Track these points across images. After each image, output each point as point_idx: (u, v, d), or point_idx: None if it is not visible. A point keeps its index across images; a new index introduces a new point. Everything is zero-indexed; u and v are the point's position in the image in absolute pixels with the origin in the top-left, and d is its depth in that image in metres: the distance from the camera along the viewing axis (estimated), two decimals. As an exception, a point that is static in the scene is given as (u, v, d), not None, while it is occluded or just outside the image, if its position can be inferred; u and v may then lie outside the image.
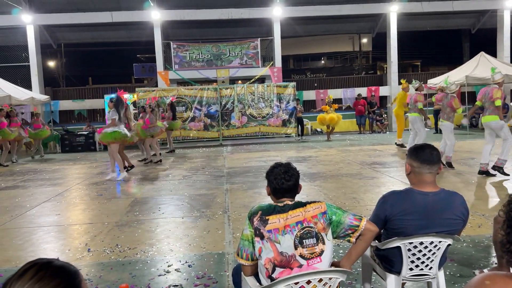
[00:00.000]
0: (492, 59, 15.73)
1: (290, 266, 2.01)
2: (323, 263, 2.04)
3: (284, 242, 2.03)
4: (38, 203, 6.59)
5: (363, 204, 5.67)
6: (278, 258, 2.02)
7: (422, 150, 2.41)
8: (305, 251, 2.02)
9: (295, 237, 2.03)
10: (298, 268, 2.01)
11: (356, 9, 17.63)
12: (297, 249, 2.02)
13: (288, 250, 2.02)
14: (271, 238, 2.03)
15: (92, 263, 3.92)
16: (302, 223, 2.06)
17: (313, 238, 2.04)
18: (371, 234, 2.18)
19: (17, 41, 17.45)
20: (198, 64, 17.00)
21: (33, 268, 1.08)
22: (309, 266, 2.02)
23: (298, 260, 2.02)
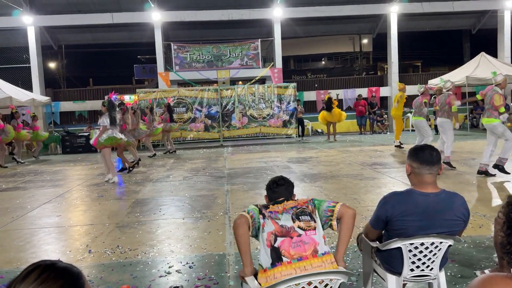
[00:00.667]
0: (492, 59, 15.73)
1: (290, 236, 2.20)
2: (317, 236, 2.24)
3: (283, 219, 2.27)
4: (39, 204, 6.60)
5: (364, 205, 5.67)
6: (279, 229, 2.22)
7: (422, 151, 2.41)
8: (302, 224, 2.25)
9: (292, 214, 2.29)
10: (298, 237, 2.18)
11: (357, 10, 17.63)
12: (295, 222, 2.25)
13: (287, 223, 2.24)
14: (272, 217, 2.28)
15: (93, 264, 3.92)
16: (296, 207, 2.34)
17: (307, 215, 2.29)
18: (348, 215, 2.31)
19: (18, 43, 17.47)
20: (199, 65, 17.01)
21: (36, 270, 1.08)
22: (307, 236, 2.20)
23: (297, 231, 2.21)
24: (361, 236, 2.81)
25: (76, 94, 19.63)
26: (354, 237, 3.18)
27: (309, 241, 2.19)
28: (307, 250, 2.16)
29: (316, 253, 2.17)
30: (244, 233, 2.24)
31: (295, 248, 2.16)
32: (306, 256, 2.15)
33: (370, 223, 2.55)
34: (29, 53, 17.00)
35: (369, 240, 2.63)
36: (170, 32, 18.82)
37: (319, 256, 2.17)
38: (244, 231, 2.24)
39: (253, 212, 2.28)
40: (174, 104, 15.23)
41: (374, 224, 2.51)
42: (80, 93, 19.69)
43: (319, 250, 2.18)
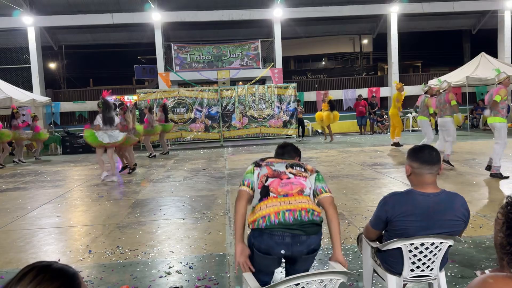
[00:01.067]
0: (492, 59, 15.73)
1: (280, 177, 2.34)
2: (307, 183, 2.36)
3: (277, 166, 2.43)
4: (39, 204, 6.60)
5: (364, 205, 5.67)
6: (271, 172, 2.38)
7: (422, 151, 2.41)
8: (294, 170, 2.40)
9: (286, 163, 2.45)
10: (287, 180, 2.32)
11: (357, 10, 17.64)
12: (288, 169, 2.40)
13: (280, 169, 2.40)
14: (267, 164, 2.45)
15: (93, 264, 3.92)
16: (295, 162, 2.50)
17: (301, 167, 2.43)
18: (330, 201, 2.37)
19: (18, 43, 17.48)
20: (199, 66, 17.02)
21: (32, 271, 1.08)
22: (296, 179, 2.34)
23: (288, 174, 2.36)
24: (361, 236, 2.81)
25: (76, 94, 19.65)
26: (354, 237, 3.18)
27: (297, 183, 2.33)
28: (293, 189, 2.29)
29: (302, 192, 2.30)
30: (240, 208, 2.34)
31: (283, 187, 2.30)
32: (292, 194, 2.27)
33: (370, 224, 2.55)
34: (29, 53, 17.02)
35: (369, 240, 2.63)
36: (170, 32, 18.84)
37: (304, 195, 2.29)
38: (240, 206, 2.35)
39: (248, 179, 2.42)
40: (174, 105, 15.24)
41: (374, 224, 2.51)
42: (80, 94, 19.71)
43: (305, 191, 2.31)
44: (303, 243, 2.21)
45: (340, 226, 4.72)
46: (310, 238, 2.22)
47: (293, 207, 2.21)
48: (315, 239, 2.26)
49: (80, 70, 27.39)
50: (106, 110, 8.34)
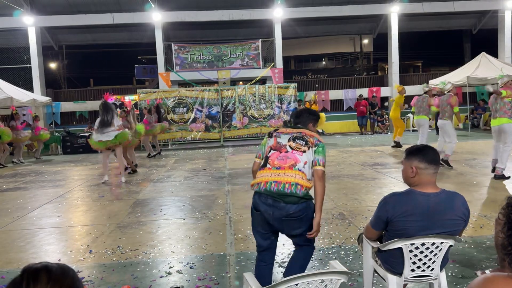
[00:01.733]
0: (493, 59, 15.71)
1: (280, 150, 2.77)
2: (303, 157, 2.73)
3: (282, 137, 2.84)
4: (40, 204, 6.60)
5: (364, 205, 5.67)
6: (275, 145, 2.83)
7: (426, 151, 2.42)
8: (294, 144, 2.78)
9: (291, 136, 2.83)
10: (285, 153, 2.74)
11: (357, 10, 17.62)
12: (289, 142, 2.79)
13: (283, 141, 2.81)
14: (276, 135, 2.88)
15: (94, 264, 3.92)
16: (300, 132, 2.86)
17: (303, 141, 2.79)
18: (319, 175, 2.74)
19: (19, 43, 17.48)
20: (199, 66, 17.01)
21: (43, 270, 1.08)
22: (292, 154, 2.74)
23: (287, 148, 2.77)
24: (361, 236, 2.81)
25: (76, 94, 19.64)
26: (355, 237, 3.19)
27: (292, 157, 2.73)
28: (287, 163, 2.71)
29: (293, 166, 2.70)
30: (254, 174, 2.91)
31: (279, 160, 2.74)
32: (284, 167, 2.71)
33: (370, 224, 2.55)
34: (30, 53, 17.01)
35: (370, 240, 2.63)
36: (170, 32, 18.83)
37: (294, 169, 2.69)
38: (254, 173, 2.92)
39: (260, 151, 2.95)
40: (175, 104, 15.24)
41: (375, 224, 2.51)
42: (80, 94, 19.70)
43: (296, 166, 2.70)
44: (282, 208, 2.65)
45: (341, 226, 4.73)
46: (287, 206, 2.64)
47: (280, 179, 2.67)
48: (293, 207, 2.64)
49: (80, 70, 27.39)
50: (105, 113, 8.30)
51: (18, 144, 12.65)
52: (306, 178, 2.69)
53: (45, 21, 16.96)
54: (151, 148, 12.71)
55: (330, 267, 2.36)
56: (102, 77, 27.43)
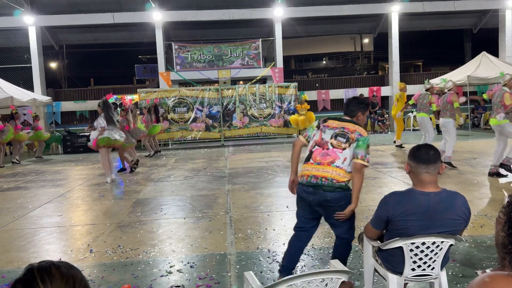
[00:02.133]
0: (494, 58, 15.69)
1: (323, 147, 3.08)
2: (343, 154, 3.01)
3: (327, 133, 3.10)
4: (40, 204, 6.60)
5: (365, 204, 5.67)
6: (319, 140, 3.11)
7: (419, 150, 2.42)
8: (335, 142, 3.05)
9: (334, 132, 3.07)
10: (326, 150, 3.05)
11: (357, 10, 17.61)
12: (331, 139, 3.07)
13: (326, 138, 3.09)
14: (322, 129, 3.13)
15: (94, 264, 3.92)
16: (343, 128, 3.08)
17: (344, 138, 3.04)
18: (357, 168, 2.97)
19: (19, 43, 17.48)
20: (200, 65, 17.01)
21: (53, 267, 1.08)
22: (333, 151, 3.03)
23: (328, 145, 3.06)
24: (362, 235, 2.81)
25: (77, 94, 19.64)
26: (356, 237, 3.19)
27: (332, 154, 3.02)
28: (326, 160, 3.02)
29: (331, 163, 3.00)
30: (294, 152, 3.31)
31: (321, 156, 3.05)
32: (323, 163, 3.02)
33: (371, 223, 2.55)
34: (30, 53, 17.01)
35: (370, 239, 2.63)
36: (171, 32, 18.83)
37: (332, 166, 2.99)
38: (295, 150, 3.30)
39: (308, 132, 3.26)
40: (175, 104, 15.24)
41: (375, 224, 2.51)
42: (81, 93, 19.70)
43: (335, 163, 3.00)
44: (321, 195, 2.99)
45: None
46: (325, 192, 2.97)
47: (318, 174, 3.01)
48: (330, 194, 2.97)
49: (81, 70, 27.38)
50: (107, 110, 8.36)
51: (17, 143, 12.65)
52: (344, 173, 2.99)
53: (46, 20, 16.96)
54: (151, 148, 12.72)
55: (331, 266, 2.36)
56: (103, 77, 27.43)
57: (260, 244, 4.23)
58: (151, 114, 12.71)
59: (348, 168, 3.00)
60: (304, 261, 3.76)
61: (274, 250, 4.06)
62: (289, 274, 3.02)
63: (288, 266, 3.23)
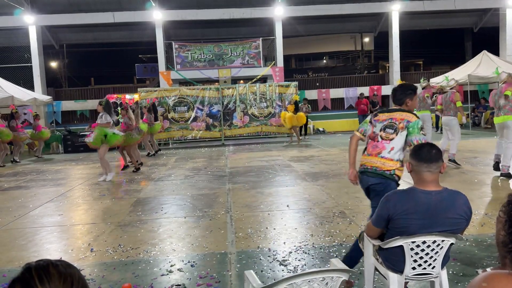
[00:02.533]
0: (494, 57, 15.68)
1: (374, 140, 3.39)
2: (390, 144, 3.29)
3: (377, 126, 3.39)
4: (41, 203, 6.61)
5: (365, 203, 5.65)
6: (372, 134, 3.42)
7: (420, 149, 2.42)
8: (384, 134, 3.34)
9: (383, 125, 3.36)
10: (376, 142, 3.35)
11: (358, 8, 17.60)
12: (381, 132, 3.36)
13: (377, 131, 3.38)
14: (374, 124, 3.43)
15: (95, 263, 3.93)
16: (391, 119, 3.34)
17: (392, 129, 3.31)
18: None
19: (20, 42, 17.49)
20: (200, 64, 17.01)
21: (51, 266, 1.08)
22: (381, 142, 3.33)
23: (378, 138, 3.35)
24: (363, 234, 2.81)
25: (77, 93, 19.65)
26: (356, 235, 3.19)
27: (381, 146, 3.32)
28: (375, 151, 3.34)
29: (378, 154, 3.31)
30: (352, 145, 3.62)
31: (372, 148, 3.37)
32: (372, 154, 3.35)
33: (372, 222, 2.55)
34: (31, 52, 17.02)
35: (371, 238, 2.62)
36: (171, 31, 18.83)
37: (378, 157, 3.31)
38: (351, 144, 3.63)
39: (363, 127, 3.54)
40: (176, 103, 15.25)
41: (376, 222, 2.51)
42: (81, 92, 19.71)
43: (381, 153, 3.30)
44: (367, 180, 3.36)
45: (342, 224, 4.73)
46: (370, 178, 3.33)
47: (368, 164, 3.36)
48: (372, 179, 3.32)
49: (81, 69, 27.38)
50: (109, 110, 8.42)
51: (17, 143, 12.67)
52: (390, 163, 3.27)
53: (46, 20, 16.97)
54: (151, 147, 12.72)
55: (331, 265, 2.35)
56: (103, 76, 27.43)
57: (260, 243, 4.23)
58: (151, 113, 12.70)
59: (395, 157, 3.27)
60: (305, 260, 3.76)
61: (275, 249, 4.06)
62: None
63: None
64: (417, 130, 3.24)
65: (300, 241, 4.24)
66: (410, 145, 3.21)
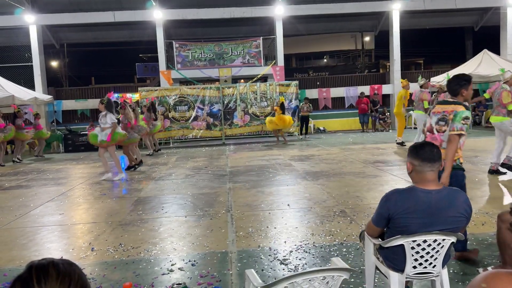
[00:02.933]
0: (495, 56, 15.65)
1: (431, 132, 3.58)
2: (443, 136, 3.43)
3: (433, 120, 3.56)
4: (42, 202, 6.61)
5: (366, 202, 5.67)
6: (429, 126, 3.62)
7: (423, 148, 2.42)
8: (437, 127, 3.52)
9: (437, 118, 3.52)
10: (434, 135, 3.54)
11: (359, 7, 17.57)
12: (435, 125, 3.54)
13: (433, 124, 3.56)
14: (430, 116, 3.62)
15: (96, 262, 3.93)
16: (444, 112, 3.49)
17: (444, 121, 3.47)
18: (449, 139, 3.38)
19: (20, 41, 17.49)
20: (201, 63, 17.00)
21: (50, 266, 1.08)
22: (437, 135, 3.51)
23: (434, 131, 3.55)
24: (363, 233, 2.81)
25: (78, 92, 19.65)
26: (356, 234, 3.19)
27: (438, 138, 3.50)
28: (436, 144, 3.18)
29: (440, 146, 3.25)
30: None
31: (432, 141, 3.31)
32: None
33: (372, 221, 2.55)
34: (31, 51, 17.02)
35: (371, 237, 2.63)
36: (171, 30, 18.82)
37: (441, 148, 3.16)
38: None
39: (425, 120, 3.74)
40: (176, 102, 15.25)
41: (376, 221, 2.51)
42: (82, 92, 19.71)
43: (443, 145, 3.39)
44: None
45: (342, 223, 4.73)
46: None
47: None
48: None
49: (82, 68, 27.38)
50: (110, 109, 8.44)
51: (19, 142, 12.68)
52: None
53: (46, 19, 16.97)
54: (152, 147, 12.72)
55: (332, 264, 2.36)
56: (104, 75, 27.43)
57: (261, 242, 4.23)
58: (151, 113, 12.71)
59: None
60: (306, 259, 3.77)
61: (275, 248, 4.06)
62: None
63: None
64: (459, 118, 3.35)
65: (300, 240, 4.24)
66: (453, 129, 3.35)
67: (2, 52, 17.51)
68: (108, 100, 8.46)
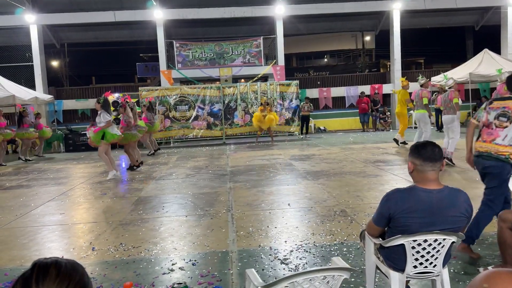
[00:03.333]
0: (496, 56, 15.63)
1: (488, 127, 3.60)
2: (504, 132, 3.49)
3: (491, 114, 3.60)
4: (43, 202, 6.62)
5: (366, 202, 5.66)
6: (486, 121, 3.64)
7: (424, 148, 2.41)
8: (497, 122, 3.55)
9: (497, 113, 3.56)
10: (491, 130, 3.57)
11: (359, 7, 17.57)
12: (495, 120, 3.56)
13: (491, 119, 3.59)
14: (488, 111, 3.65)
15: (97, 261, 3.93)
16: (504, 108, 3.54)
17: (505, 117, 3.51)
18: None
19: (21, 41, 17.50)
20: (201, 63, 17.01)
21: (52, 266, 1.08)
22: (495, 130, 3.54)
23: (492, 126, 3.56)
24: (364, 233, 2.80)
25: (78, 92, 19.66)
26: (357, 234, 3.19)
27: (495, 134, 3.55)
28: (489, 138, 3.58)
29: (492, 141, 3.55)
30: (468, 132, 3.96)
31: (486, 135, 3.61)
32: (487, 141, 3.58)
33: (373, 220, 2.55)
34: (32, 51, 17.03)
35: (372, 237, 2.62)
36: (172, 30, 18.82)
37: (492, 143, 3.53)
38: (469, 131, 3.96)
39: (479, 114, 3.85)
40: (177, 102, 15.25)
41: (377, 221, 2.50)
42: (82, 92, 19.72)
43: (495, 140, 3.53)
44: (482, 163, 3.62)
45: (343, 223, 4.72)
46: (485, 161, 3.58)
47: (483, 149, 3.60)
48: (488, 162, 3.56)
49: (82, 68, 27.39)
50: (107, 108, 8.43)
51: (25, 141, 12.70)
52: (505, 148, 3.46)
53: (47, 19, 16.98)
54: (151, 146, 12.72)
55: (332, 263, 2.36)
56: (104, 75, 27.45)
57: (261, 242, 4.23)
58: (150, 112, 12.72)
59: (510, 143, 3.47)
60: (306, 258, 3.77)
61: (276, 247, 4.06)
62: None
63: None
64: None
65: (301, 240, 4.24)
66: None
67: (3, 52, 17.52)
68: (104, 99, 8.47)
